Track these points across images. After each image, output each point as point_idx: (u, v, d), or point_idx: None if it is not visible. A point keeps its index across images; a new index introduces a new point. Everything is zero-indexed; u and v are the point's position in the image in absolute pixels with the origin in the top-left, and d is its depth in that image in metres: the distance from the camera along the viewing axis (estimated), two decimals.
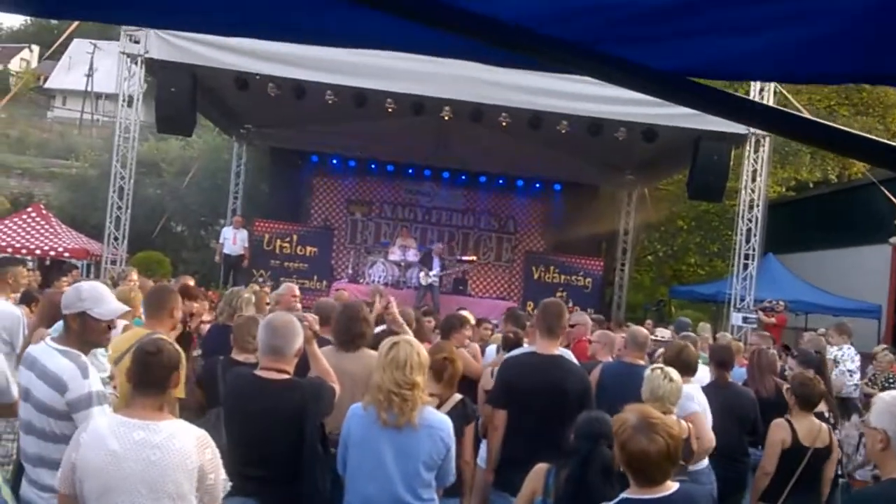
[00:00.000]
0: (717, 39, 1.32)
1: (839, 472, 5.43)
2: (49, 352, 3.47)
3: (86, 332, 3.52)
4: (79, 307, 3.51)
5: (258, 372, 3.72)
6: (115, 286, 6.38)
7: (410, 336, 4.07)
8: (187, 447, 2.95)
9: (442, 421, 3.69)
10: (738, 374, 6.63)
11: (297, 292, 7.39)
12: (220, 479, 3.06)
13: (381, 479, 3.51)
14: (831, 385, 5.77)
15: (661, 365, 4.70)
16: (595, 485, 3.48)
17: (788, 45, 1.29)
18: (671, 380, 4.42)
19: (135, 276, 8.59)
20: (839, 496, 5.35)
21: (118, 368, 3.96)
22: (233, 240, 16.42)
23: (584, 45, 1.29)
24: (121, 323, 4.30)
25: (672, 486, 2.85)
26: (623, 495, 2.88)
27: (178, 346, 3.30)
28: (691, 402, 4.87)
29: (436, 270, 15.13)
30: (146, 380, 3.02)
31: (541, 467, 3.77)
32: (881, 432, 2.87)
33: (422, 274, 15.32)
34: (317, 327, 4.42)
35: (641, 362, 5.71)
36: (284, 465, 3.59)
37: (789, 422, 4.93)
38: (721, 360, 5.86)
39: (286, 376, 3.69)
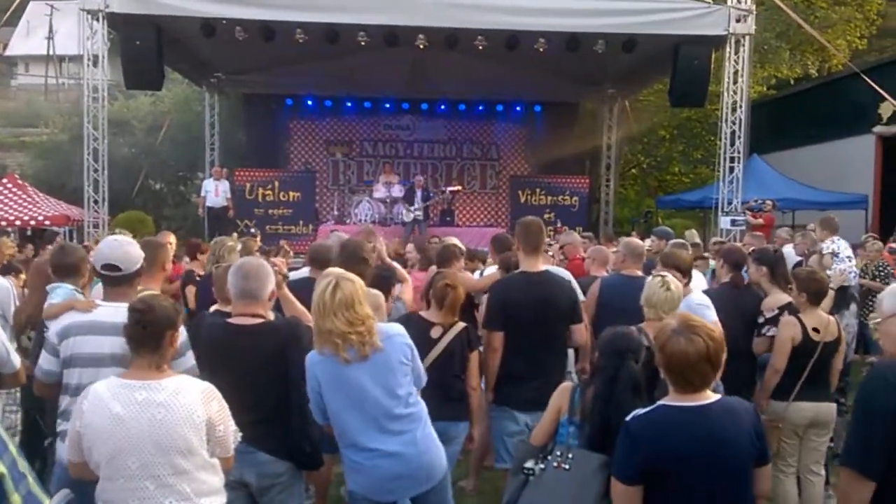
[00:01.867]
0: None
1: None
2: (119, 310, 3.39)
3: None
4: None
5: (232, 319, 3.67)
6: None
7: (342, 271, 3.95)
8: (193, 402, 2.95)
9: (394, 327, 3.66)
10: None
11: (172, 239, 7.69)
12: (231, 429, 3.06)
13: (367, 405, 3.47)
14: (788, 278, 5.69)
15: (664, 273, 4.67)
16: (625, 401, 3.41)
17: None
18: (668, 288, 4.37)
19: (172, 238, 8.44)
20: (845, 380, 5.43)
21: None
22: (214, 192, 16.19)
23: None
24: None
25: (712, 396, 2.81)
26: (661, 402, 2.85)
27: (173, 302, 3.25)
28: (709, 311, 4.86)
29: (417, 204, 15.04)
30: (140, 339, 2.98)
31: (566, 386, 3.74)
32: None
33: (404, 210, 15.24)
34: (285, 270, 4.37)
35: (639, 273, 5.72)
36: (271, 408, 3.58)
37: (798, 318, 4.95)
38: (736, 262, 5.88)
39: (261, 320, 3.64)
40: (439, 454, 3.64)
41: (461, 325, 4.69)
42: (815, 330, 4.90)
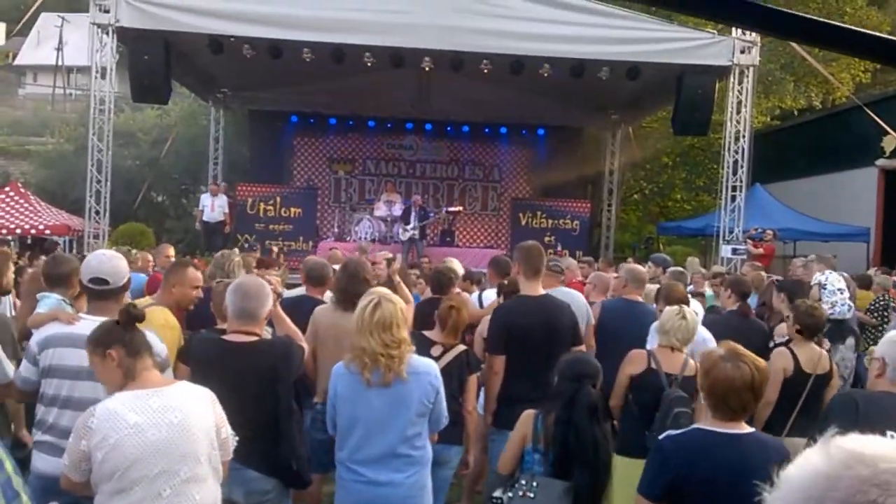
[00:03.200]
0: None
1: None
2: None
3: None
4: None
5: (227, 337, 3.68)
6: None
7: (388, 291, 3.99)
8: (203, 404, 3.00)
9: (427, 365, 3.69)
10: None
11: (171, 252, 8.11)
12: (230, 432, 3.10)
13: (374, 433, 3.52)
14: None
15: (683, 305, 4.76)
16: (582, 424, 3.56)
17: None
18: (683, 317, 4.50)
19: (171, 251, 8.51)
20: None
21: None
22: (211, 207, 16.23)
23: None
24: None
25: (747, 428, 2.86)
26: (696, 425, 2.92)
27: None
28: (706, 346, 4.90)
29: (413, 223, 15.06)
30: (142, 344, 3.01)
31: (528, 414, 3.79)
32: (880, 361, 2.90)
33: (400, 229, 15.26)
34: (280, 289, 4.38)
35: (640, 299, 5.78)
36: (260, 425, 3.59)
37: (791, 350, 4.95)
38: (743, 291, 6.00)
39: (256, 338, 3.66)
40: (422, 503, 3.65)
41: (461, 347, 4.70)
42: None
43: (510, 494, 3.55)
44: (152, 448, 2.82)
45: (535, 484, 3.51)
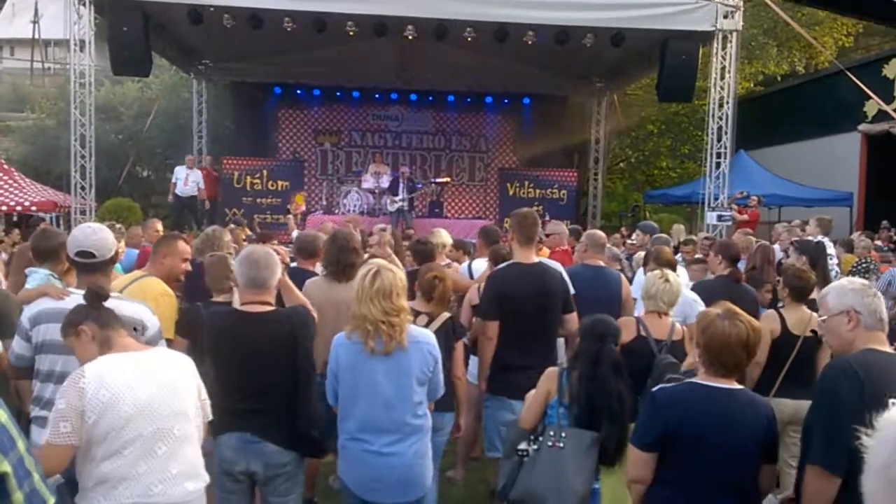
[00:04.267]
0: None
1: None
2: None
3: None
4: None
5: (241, 308, 3.71)
6: None
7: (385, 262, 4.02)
8: (185, 366, 3.06)
9: (426, 334, 3.74)
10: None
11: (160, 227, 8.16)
12: (206, 396, 3.15)
13: (375, 402, 3.55)
14: (828, 273, 5.87)
15: (663, 268, 4.81)
16: (607, 379, 3.74)
17: None
18: (667, 280, 4.58)
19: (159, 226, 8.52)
20: None
21: None
22: (185, 180, 16.00)
23: None
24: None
25: (738, 385, 3.00)
26: (690, 379, 3.05)
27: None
28: (693, 312, 4.96)
29: (402, 195, 15.05)
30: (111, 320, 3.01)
31: (553, 370, 3.91)
32: (849, 313, 2.86)
33: (388, 201, 15.25)
34: (287, 259, 4.40)
35: (602, 263, 5.86)
36: (279, 395, 3.63)
37: (779, 312, 5.03)
38: (732, 256, 6.04)
39: (270, 308, 3.70)
40: (424, 473, 3.71)
41: (446, 314, 4.73)
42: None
43: (536, 446, 3.69)
44: (145, 405, 2.83)
45: (563, 435, 3.66)
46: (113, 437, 2.79)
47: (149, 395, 2.85)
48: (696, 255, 7.63)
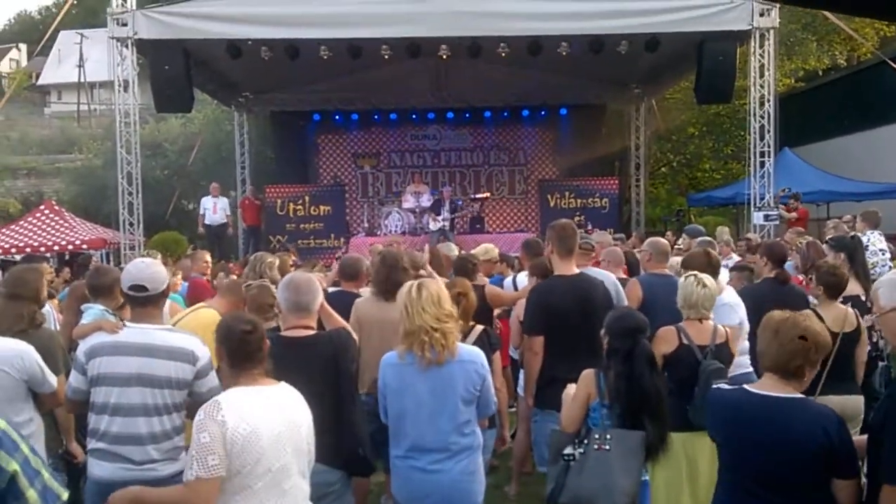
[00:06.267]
0: None
1: (875, 354, 5.41)
2: (156, 332, 3.63)
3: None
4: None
5: (285, 332, 3.78)
6: None
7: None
8: (301, 403, 3.08)
9: (472, 352, 3.76)
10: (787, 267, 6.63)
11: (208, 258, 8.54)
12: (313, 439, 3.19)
13: (422, 421, 3.61)
14: (867, 268, 5.71)
15: (695, 272, 4.69)
16: (644, 375, 3.67)
17: None
18: (704, 286, 4.47)
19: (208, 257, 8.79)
20: (878, 379, 5.33)
21: None
22: (213, 209, 16.29)
23: None
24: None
25: (795, 393, 2.90)
26: (746, 386, 3.00)
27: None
28: (734, 315, 4.90)
29: (444, 214, 15.09)
30: (252, 352, 3.03)
31: (588, 373, 3.84)
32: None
33: (430, 220, 15.30)
34: (325, 284, 4.45)
35: (668, 271, 5.76)
36: (324, 417, 3.61)
37: (815, 310, 4.93)
38: (779, 257, 5.90)
39: (313, 331, 3.77)
40: (473, 490, 3.73)
41: (479, 327, 4.73)
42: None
43: (582, 450, 3.65)
44: (276, 441, 2.87)
45: (608, 437, 3.61)
46: (248, 472, 2.81)
47: (279, 431, 2.89)
48: (735, 258, 7.43)
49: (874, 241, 8.80)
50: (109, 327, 3.77)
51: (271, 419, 2.88)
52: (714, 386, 3.09)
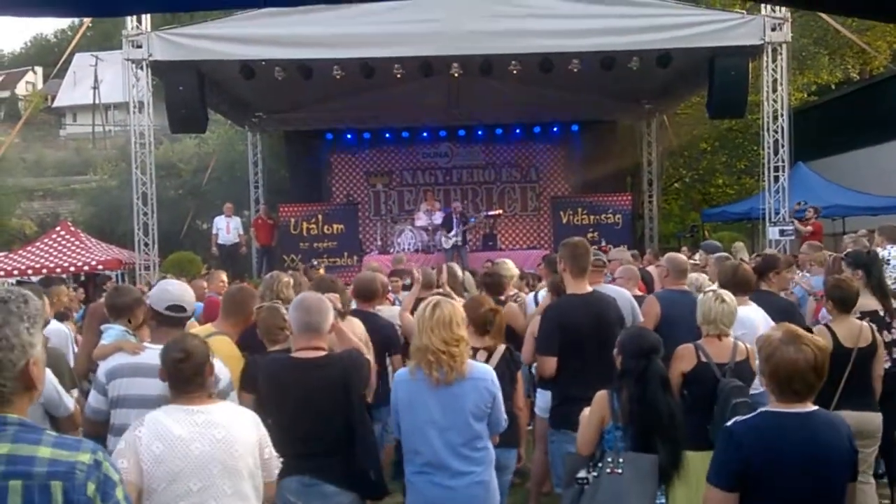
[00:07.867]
0: None
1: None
2: None
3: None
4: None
5: (296, 355, 3.77)
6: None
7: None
8: (246, 423, 3.08)
9: (483, 370, 3.77)
10: (817, 282, 6.59)
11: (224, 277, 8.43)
12: (273, 454, 3.17)
13: (433, 437, 3.61)
14: (885, 283, 5.63)
15: (714, 287, 4.66)
16: (657, 397, 3.63)
17: None
18: (723, 301, 4.41)
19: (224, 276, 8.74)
20: None
21: None
22: (226, 229, 16.38)
23: None
24: None
25: (813, 406, 2.85)
26: (763, 409, 2.91)
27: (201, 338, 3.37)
28: (756, 333, 4.85)
29: (455, 230, 15.09)
30: (186, 377, 3.05)
31: (602, 394, 3.81)
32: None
33: (443, 238, 15.30)
34: (339, 305, 4.44)
35: (686, 288, 5.71)
36: (335, 438, 3.68)
37: (828, 326, 4.88)
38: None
39: (323, 353, 3.76)
40: (488, 502, 3.72)
41: (502, 346, 4.71)
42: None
43: (594, 473, 3.62)
44: (195, 462, 2.88)
45: (621, 460, 3.58)
46: (163, 490, 2.86)
47: (200, 451, 2.90)
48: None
49: (894, 255, 8.70)
50: (130, 348, 3.78)
51: (193, 439, 2.89)
52: (735, 419, 2.96)
